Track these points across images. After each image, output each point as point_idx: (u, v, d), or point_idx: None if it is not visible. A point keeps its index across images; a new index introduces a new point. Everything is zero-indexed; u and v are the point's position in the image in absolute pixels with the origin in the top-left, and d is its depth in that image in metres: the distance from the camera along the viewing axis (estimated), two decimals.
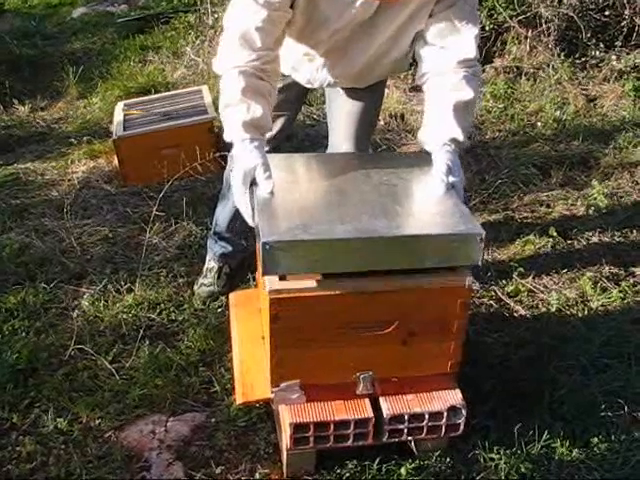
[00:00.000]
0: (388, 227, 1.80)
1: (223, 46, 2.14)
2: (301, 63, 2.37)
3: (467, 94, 2.12)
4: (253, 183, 2.00)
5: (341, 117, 2.59)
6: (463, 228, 1.82)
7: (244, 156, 2.02)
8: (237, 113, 2.06)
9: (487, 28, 4.53)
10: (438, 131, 2.14)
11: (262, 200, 1.92)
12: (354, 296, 1.84)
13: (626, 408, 2.22)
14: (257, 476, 2.05)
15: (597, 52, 4.59)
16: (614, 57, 4.55)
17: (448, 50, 2.15)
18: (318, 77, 2.41)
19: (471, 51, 2.13)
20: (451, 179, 2.04)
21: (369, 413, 1.95)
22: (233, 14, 2.11)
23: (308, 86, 2.49)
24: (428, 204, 1.98)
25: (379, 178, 2.06)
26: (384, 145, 3.87)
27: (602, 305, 2.68)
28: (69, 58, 5.46)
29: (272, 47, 2.11)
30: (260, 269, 1.93)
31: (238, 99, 2.06)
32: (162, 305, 2.72)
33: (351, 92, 2.52)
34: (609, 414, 2.21)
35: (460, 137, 2.11)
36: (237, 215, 2.36)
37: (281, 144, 2.71)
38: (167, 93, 4.34)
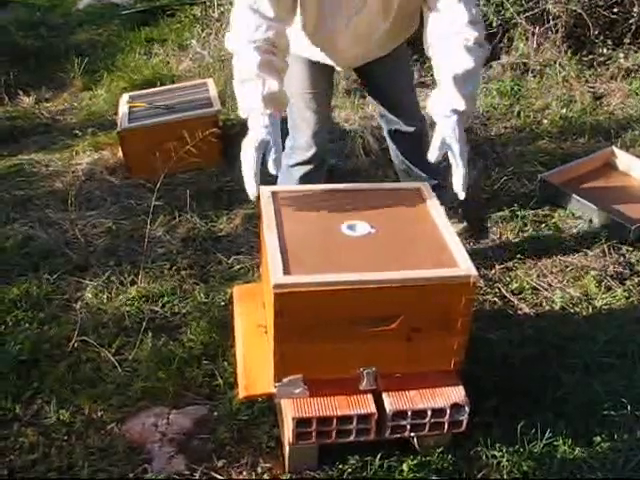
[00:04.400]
0: None
1: (235, 19, 2.18)
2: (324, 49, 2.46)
3: (467, 63, 2.13)
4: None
5: (386, 84, 2.69)
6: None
7: (261, 129, 2.05)
8: (255, 88, 2.09)
9: (494, 24, 4.51)
10: (440, 102, 2.16)
11: None
12: (358, 291, 1.84)
13: (629, 407, 2.22)
14: (259, 470, 2.06)
15: (605, 50, 4.57)
16: (622, 55, 4.53)
17: (443, 13, 2.18)
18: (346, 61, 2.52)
19: (462, 14, 2.14)
20: (453, 146, 2.09)
21: (372, 409, 1.96)
22: None
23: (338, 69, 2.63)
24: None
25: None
26: None
27: (606, 304, 2.68)
28: (74, 49, 5.44)
29: (283, 18, 2.15)
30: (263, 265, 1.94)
31: (255, 74, 2.09)
32: (165, 298, 2.73)
33: (381, 66, 2.62)
34: (612, 413, 2.21)
35: (461, 107, 2.13)
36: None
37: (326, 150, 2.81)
38: (172, 86, 4.34)
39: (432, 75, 2.42)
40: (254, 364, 2.11)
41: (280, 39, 2.14)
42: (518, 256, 2.91)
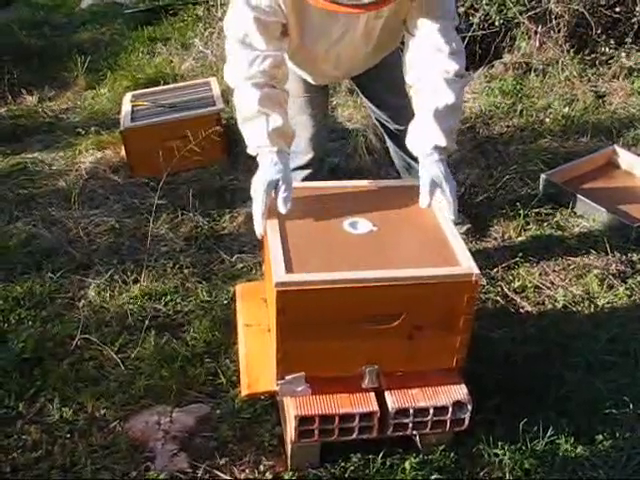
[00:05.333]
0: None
1: (229, 54, 2.16)
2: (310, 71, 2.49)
3: (447, 98, 2.12)
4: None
5: (376, 87, 2.69)
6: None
7: (270, 168, 2.06)
8: (259, 125, 2.09)
9: (497, 23, 4.50)
10: (421, 139, 2.16)
11: None
12: (361, 289, 1.84)
13: (631, 405, 2.22)
14: (261, 468, 2.06)
15: (607, 49, 4.56)
16: (624, 54, 4.51)
17: (423, 42, 2.16)
18: (328, 79, 2.44)
19: (442, 46, 2.13)
20: (438, 194, 2.09)
21: (374, 407, 1.96)
22: (230, 20, 2.13)
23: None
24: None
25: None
26: None
27: (608, 302, 2.67)
28: (77, 49, 5.44)
29: (276, 47, 2.12)
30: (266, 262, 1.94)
31: (256, 111, 2.08)
32: (168, 296, 2.73)
33: (370, 71, 2.59)
34: (614, 411, 2.21)
35: (443, 143, 2.13)
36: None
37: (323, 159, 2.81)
38: (175, 85, 4.34)
39: None
40: (256, 362, 2.11)
41: (277, 69, 2.13)
42: (520, 255, 2.90)
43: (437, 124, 2.12)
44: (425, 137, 2.14)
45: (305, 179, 2.72)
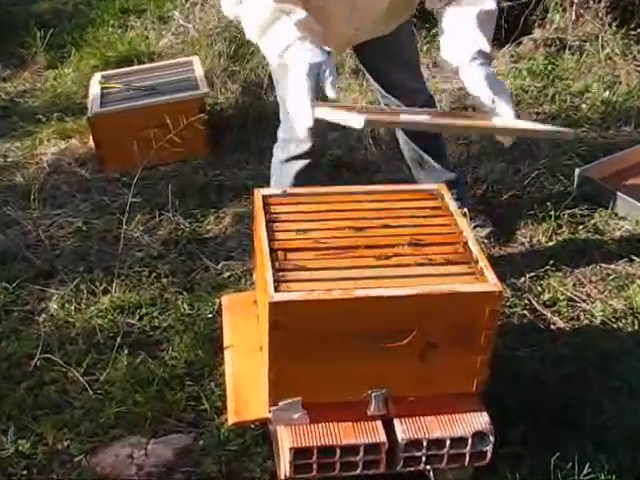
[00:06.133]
0: None
1: None
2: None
3: (489, 4, 2.25)
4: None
5: (386, 63, 2.73)
6: None
7: (307, 54, 2.03)
8: (282, 24, 2.08)
9: None
10: (462, 45, 2.21)
11: None
12: (365, 302, 1.85)
13: None
14: None
15: None
16: None
17: None
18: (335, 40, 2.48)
19: None
20: (494, 95, 2.14)
21: (382, 437, 1.96)
22: None
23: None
24: None
25: None
26: None
27: None
28: (36, 20, 5.45)
29: None
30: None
31: (274, 9, 2.08)
32: (143, 309, 2.75)
33: (380, 43, 2.64)
34: None
35: (487, 48, 2.18)
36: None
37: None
38: (152, 64, 4.37)
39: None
40: (246, 385, 2.12)
41: None
42: (551, 262, 2.91)
43: (480, 29, 2.19)
44: (467, 42, 2.20)
45: (302, 171, 2.73)
